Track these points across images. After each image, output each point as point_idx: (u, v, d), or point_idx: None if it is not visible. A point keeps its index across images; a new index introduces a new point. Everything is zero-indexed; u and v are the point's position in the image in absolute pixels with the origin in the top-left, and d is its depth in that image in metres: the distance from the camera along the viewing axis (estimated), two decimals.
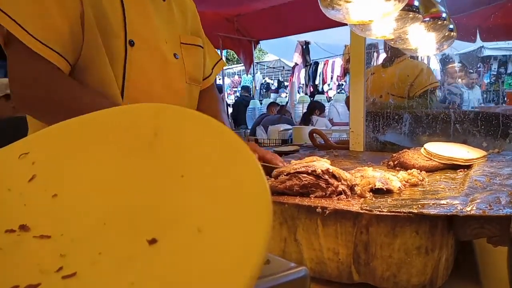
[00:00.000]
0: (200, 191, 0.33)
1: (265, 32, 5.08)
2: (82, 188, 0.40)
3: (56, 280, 0.30)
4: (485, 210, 0.59)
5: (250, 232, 0.27)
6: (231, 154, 0.34)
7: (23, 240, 0.36)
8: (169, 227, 0.31)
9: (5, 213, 0.39)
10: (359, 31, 1.25)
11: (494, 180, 0.82)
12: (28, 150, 0.45)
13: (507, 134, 1.41)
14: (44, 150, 0.45)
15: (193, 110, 0.40)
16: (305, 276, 0.40)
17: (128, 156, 0.41)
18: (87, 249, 0.33)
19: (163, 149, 0.39)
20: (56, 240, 0.35)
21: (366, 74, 1.67)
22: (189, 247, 0.29)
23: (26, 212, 0.39)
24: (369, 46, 1.70)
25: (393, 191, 0.77)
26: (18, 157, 0.45)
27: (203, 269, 0.26)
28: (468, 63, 1.92)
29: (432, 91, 1.81)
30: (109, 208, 0.37)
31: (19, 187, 0.42)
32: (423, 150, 1.10)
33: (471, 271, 0.71)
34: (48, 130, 0.48)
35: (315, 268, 0.68)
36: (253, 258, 0.25)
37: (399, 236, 0.61)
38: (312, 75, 7.48)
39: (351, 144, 1.69)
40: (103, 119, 0.46)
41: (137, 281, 0.28)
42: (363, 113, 1.66)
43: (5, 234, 0.36)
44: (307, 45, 7.10)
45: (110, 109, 0.47)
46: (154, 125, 0.41)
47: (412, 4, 1.11)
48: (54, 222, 0.37)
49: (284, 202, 0.71)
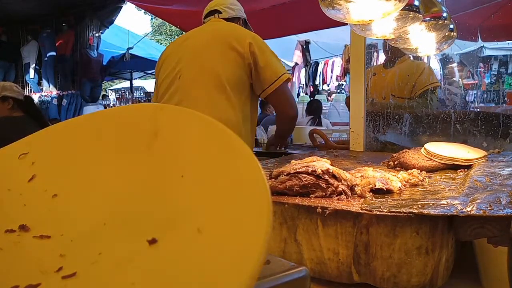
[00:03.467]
0: (200, 191, 0.33)
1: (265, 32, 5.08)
2: (82, 188, 0.40)
3: (56, 280, 0.30)
4: (485, 210, 0.59)
5: (250, 232, 0.27)
6: (231, 154, 0.34)
7: (23, 240, 0.36)
8: (169, 227, 0.31)
9: (5, 213, 0.39)
10: (359, 30, 1.25)
11: (495, 180, 0.82)
12: (28, 150, 0.45)
13: (507, 134, 1.40)
14: (44, 150, 0.45)
15: (192, 110, 0.40)
16: (305, 277, 0.40)
17: (128, 156, 0.41)
18: (87, 249, 0.33)
19: (163, 149, 0.39)
20: (56, 240, 0.35)
21: (366, 74, 1.67)
22: (189, 247, 0.29)
23: (26, 212, 0.39)
24: (369, 46, 1.70)
25: (393, 191, 0.77)
26: (18, 157, 0.45)
27: (203, 269, 0.26)
28: (468, 63, 1.92)
29: (433, 91, 1.81)
30: (109, 208, 0.37)
31: (19, 187, 0.42)
32: (423, 150, 1.10)
33: (471, 271, 0.71)
34: (48, 130, 0.48)
35: (315, 268, 0.68)
36: (253, 258, 0.25)
37: (399, 236, 0.60)
38: (312, 75, 7.47)
39: (351, 144, 1.69)
40: (103, 119, 0.46)
41: (137, 281, 0.28)
42: (363, 113, 1.66)
43: (5, 234, 0.36)
44: (307, 45, 7.09)
45: (110, 109, 0.47)
46: (154, 125, 0.41)
47: (413, 3, 1.11)
48: (54, 222, 0.37)
49: (284, 202, 0.71)
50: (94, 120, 0.46)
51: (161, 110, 0.42)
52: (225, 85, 1.54)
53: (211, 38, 1.63)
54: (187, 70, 1.59)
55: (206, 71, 1.56)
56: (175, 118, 0.41)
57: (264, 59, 1.58)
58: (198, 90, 1.56)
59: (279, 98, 1.65)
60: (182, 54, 1.64)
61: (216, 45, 1.59)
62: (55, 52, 5.91)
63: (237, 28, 1.68)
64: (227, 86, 1.54)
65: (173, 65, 1.64)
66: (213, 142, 0.36)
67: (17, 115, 2.47)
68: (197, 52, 1.61)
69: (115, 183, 0.39)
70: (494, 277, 0.66)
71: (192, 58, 1.61)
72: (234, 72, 1.56)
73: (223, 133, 0.36)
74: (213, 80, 1.54)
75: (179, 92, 1.59)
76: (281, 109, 1.72)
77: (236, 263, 0.26)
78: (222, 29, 1.66)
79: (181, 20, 4.68)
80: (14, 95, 2.48)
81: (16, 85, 2.58)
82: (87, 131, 0.45)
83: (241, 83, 1.58)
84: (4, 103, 2.44)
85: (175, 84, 1.60)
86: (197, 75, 1.57)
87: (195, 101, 1.54)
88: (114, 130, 0.44)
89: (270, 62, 1.60)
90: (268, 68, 1.59)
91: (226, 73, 1.55)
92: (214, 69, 1.55)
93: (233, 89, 1.56)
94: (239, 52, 1.55)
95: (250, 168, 0.32)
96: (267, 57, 1.60)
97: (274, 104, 1.73)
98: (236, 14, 1.77)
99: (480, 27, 1.96)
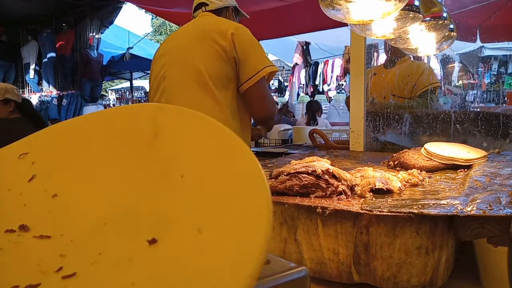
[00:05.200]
0: (200, 191, 0.33)
1: (265, 32, 5.07)
2: (82, 188, 0.40)
3: (56, 280, 0.30)
4: (485, 210, 0.59)
5: (250, 232, 0.27)
6: (231, 154, 0.34)
7: (23, 240, 0.36)
8: (169, 227, 0.31)
9: (5, 213, 0.39)
10: (359, 30, 1.25)
11: (494, 180, 0.82)
12: (28, 150, 0.45)
13: (507, 134, 1.41)
14: (44, 150, 0.45)
15: (192, 110, 0.40)
16: (305, 277, 0.40)
17: (128, 156, 0.41)
18: (87, 249, 0.33)
19: (163, 149, 0.39)
20: (56, 240, 0.35)
21: (366, 74, 1.67)
22: (189, 247, 0.29)
23: (26, 212, 0.39)
24: (369, 46, 1.70)
25: (393, 191, 0.77)
26: (18, 157, 0.45)
27: (203, 269, 0.26)
28: (468, 63, 1.92)
29: (433, 91, 1.81)
30: (109, 208, 0.37)
31: (19, 187, 0.42)
32: (423, 150, 1.10)
33: (471, 271, 0.71)
34: (48, 130, 0.48)
35: (315, 268, 0.68)
36: (253, 258, 0.25)
37: (399, 236, 0.60)
38: (312, 75, 7.47)
39: (351, 144, 1.69)
40: (103, 119, 0.46)
41: (137, 281, 0.27)
42: (363, 113, 1.66)
43: (5, 234, 0.36)
44: (307, 46, 7.10)
45: (110, 109, 0.47)
46: (154, 125, 0.41)
47: (413, 3, 1.11)
48: (54, 222, 0.37)
49: (284, 202, 0.71)
50: (94, 120, 0.46)
51: (161, 110, 0.42)
52: (208, 82, 1.48)
53: (194, 35, 1.57)
54: (171, 70, 1.56)
55: (189, 70, 1.51)
56: (175, 118, 0.41)
57: (243, 51, 1.50)
58: (182, 90, 1.52)
59: (252, 95, 1.54)
60: (168, 54, 1.61)
61: (199, 42, 1.53)
62: (55, 52, 5.92)
63: (221, 22, 1.59)
64: (210, 83, 1.48)
65: (160, 66, 1.61)
66: (213, 142, 0.36)
67: (16, 117, 2.49)
68: (180, 51, 1.58)
69: (115, 183, 0.39)
70: (494, 277, 0.66)
71: (176, 58, 1.57)
72: (218, 67, 1.50)
73: (223, 133, 0.36)
74: (196, 78, 1.49)
75: (165, 93, 1.56)
76: (253, 109, 1.60)
77: (236, 263, 0.26)
78: (206, 24, 1.59)
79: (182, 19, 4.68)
80: (15, 98, 2.50)
81: (16, 88, 2.60)
82: (87, 131, 0.45)
83: (226, 78, 1.51)
84: (5, 106, 2.46)
85: (161, 86, 1.58)
86: (181, 75, 1.54)
87: (179, 101, 1.51)
88: (114, 130, 0.44)
89: (250, 55, 1.51)
90: (247, 62, 1.51)
91: (208, 69, 1.49)
92: (196, 66, 1.50)
93: (217, 85, 1.49)
94: (221, 46, 1.49)
95: (250, 168, 0.32)
96: (246, 50, 1.51)
97: (247, 102, 1.58)
98: (224, 3, 1.69)
99: (480, 27, 1.96)
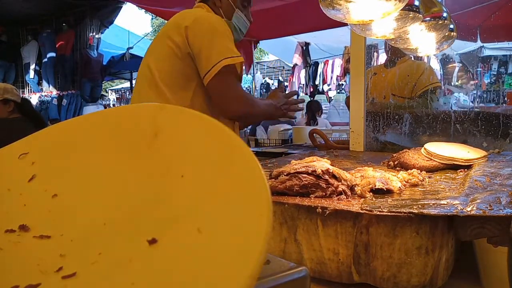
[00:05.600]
0: (200, 191, 0.33)
1: (265, 32, 5.07)
2: (82, 188, 0.40)
3: (56, 280, 0.30)
4: (485, 210, 0.59)
5: (250, 232, 0.27)
6: (230, 154, 0.34)
7: (23, 240, 0.36)
8: (169, 227, 0.31)
9: (5, 213, 0.39)
10: (359, 30, 1.25)
11: (494, 180, 0.82)
12: (28, 150, 0.45)
13: (507, 134, 1.41)
14: (44, 150, 0.45)
15: (192, 110, 0.40)
16: (305, 277, 0.40)
17: (128, 156, 0.41)
18: (87, 249, 0.33)
19: (163, 149, 0.39)
20: (56, 240, 0.35)
21: (366, 74, 1.67)
22: (189, 247, 0.29)
23: (26, 212, 0.39)
24: (369, 46, 1.70)
25: (393, 191, 0.77)
26: (18, 157, 0.45)
27: (203, 269, 0.26)
28: (468, 63, 1.92)
29: (433, 91, 1.81)
30: (109, 208, 0.37)
31: (19, 187, 0.42)
32: (423, 150, 1.10)
33: (471, 271, 0.71)
34: (48, 130, 0.48)
35: (315, 268, 0.68)
36: (253, 258, 0.25)
37: (399, 236, 0.60)
38: (312, 75, 7.48)
39: (351, 144, 1.69)
40: (103, 119, 0.46)
41: (137, 281, 0.27)
42: (363, 113, 1.66)
43: (5, 234, 0.36)
44: (307, 46, 7.10)
45: (110, 109, 0.47)
46: (154, 125, 0.41)
47: (413, 3, 1.11)
48: (54, 222, 0.37)
49: (284, 202, 0.71)
50: (94, 120, 0.46)
51: (161, 110, 0.42)
52: (158, 83, 1.38)
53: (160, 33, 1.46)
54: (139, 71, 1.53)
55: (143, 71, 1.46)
56: (175, 118, 0.41)
57: (198, 45, 1.33)
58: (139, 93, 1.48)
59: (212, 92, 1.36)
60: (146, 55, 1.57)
61: (157, 40, 1.46)
62: (55, 52, 5.92)
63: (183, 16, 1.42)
64: (161, 84, 1.37)
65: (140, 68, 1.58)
66: (213, 142, 0.36)
67: (15, 117, 2.50)
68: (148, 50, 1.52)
69: (115, 183, 0.39)
70: (494, 277, 0.66)
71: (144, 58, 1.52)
72: (169, 67, 1.38)
73: (223, 133, 0.36)
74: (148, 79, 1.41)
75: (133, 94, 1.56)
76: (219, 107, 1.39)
77: (236, 263, 0.26)
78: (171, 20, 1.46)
79: None
80: (15, 98, 2.51)
81: (15, 88, 2.61)
82: (87, 131, 0.45)
83: (183, 77, 1.38)
84: (5, 106, 2.47)
85: (135, 87, 1.57)
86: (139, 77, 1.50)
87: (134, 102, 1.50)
88: (114, 130, 0.44)
89: (205, 48, 1.32)
90: (201, 56, 1.33)
91: (159, 69, 1.39)
92: (149, 67, 1.42)
93: (171, 86, 1.38)
94: (175, 43, 1.36)
95: (250, 168, 0.32)
96: (201, 42, 1.33)
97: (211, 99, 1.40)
98: None
99: (480, 27, 1.96)
